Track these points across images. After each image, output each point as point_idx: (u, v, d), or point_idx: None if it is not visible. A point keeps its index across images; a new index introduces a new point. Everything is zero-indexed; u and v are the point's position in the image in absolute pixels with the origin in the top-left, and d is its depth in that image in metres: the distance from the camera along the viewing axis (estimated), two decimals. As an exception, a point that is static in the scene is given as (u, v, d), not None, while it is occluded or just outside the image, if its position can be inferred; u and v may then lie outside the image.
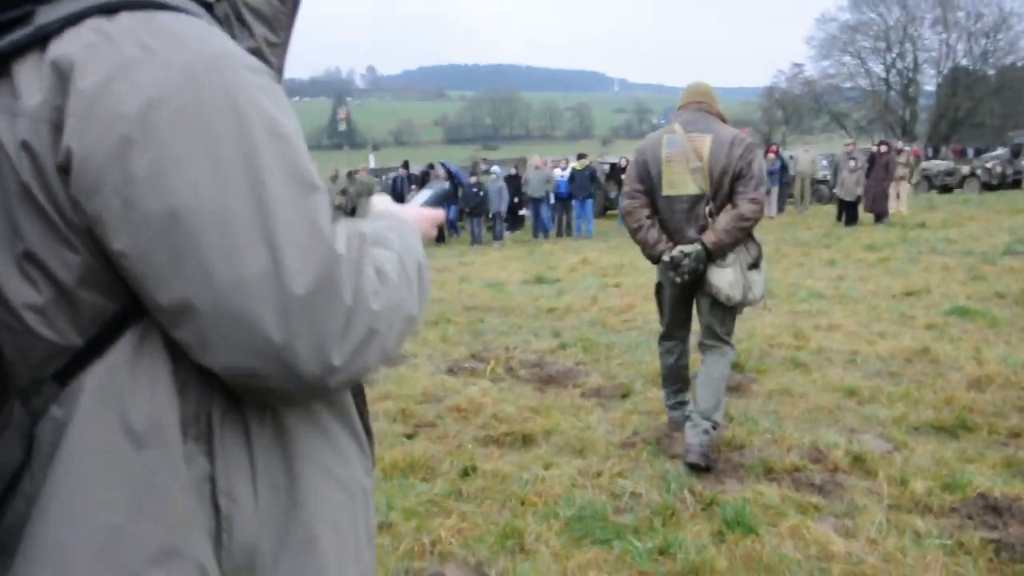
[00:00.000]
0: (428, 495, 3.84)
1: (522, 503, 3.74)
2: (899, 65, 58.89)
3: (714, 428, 4.06)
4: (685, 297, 4.27)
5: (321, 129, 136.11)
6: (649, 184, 4.12)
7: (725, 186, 3.96)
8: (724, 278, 3.96)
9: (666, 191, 4.06)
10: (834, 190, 17.95)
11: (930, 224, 15.93)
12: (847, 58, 59.54)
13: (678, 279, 4.03)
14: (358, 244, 0.91)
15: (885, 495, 3.65)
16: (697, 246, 3.96)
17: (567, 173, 19.29)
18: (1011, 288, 8.49)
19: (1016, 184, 29.25)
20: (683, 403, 4.46)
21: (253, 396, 0.92)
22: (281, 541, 0.96)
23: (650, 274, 4.74)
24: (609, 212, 23.05)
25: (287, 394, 0.90)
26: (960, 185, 29.73)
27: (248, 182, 0.83)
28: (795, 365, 5.91)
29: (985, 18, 55.80)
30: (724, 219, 3.93)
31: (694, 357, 4.73)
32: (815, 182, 22.58)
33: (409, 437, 4.77)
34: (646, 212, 4.14)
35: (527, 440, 4.62)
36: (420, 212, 1.30)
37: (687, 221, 4.04)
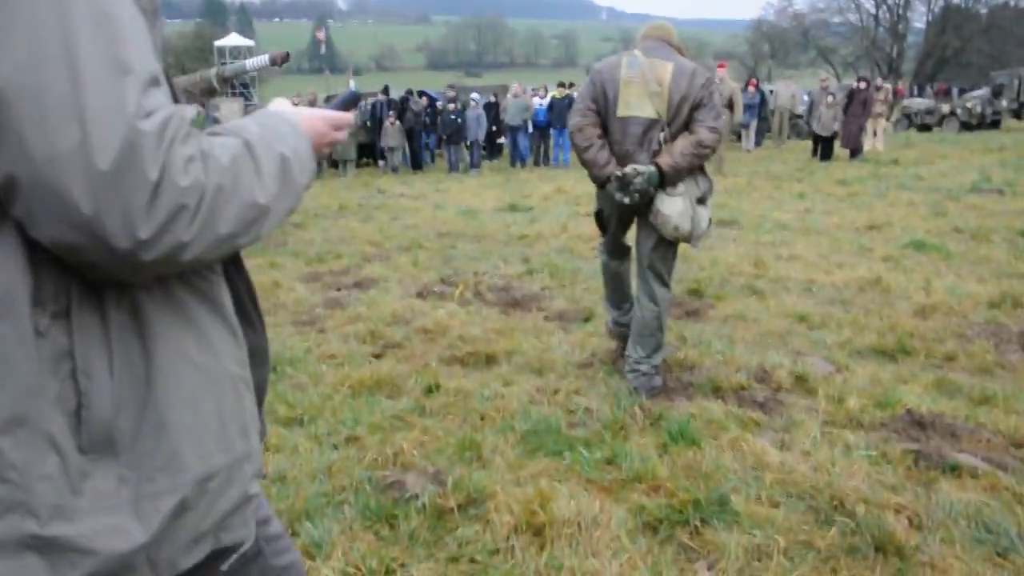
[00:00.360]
0: (393, 411, 4.02)
1: (482, 418, 3.93)
2: (890, 1, 58.29)
3: (655, 368, 4.14)
4: (626, 226, 4.25)
5: (301, 52, 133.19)
6: (604, 104, 3.98)
7: (683, 113, 3.89)
8: (674, 206, 3.90)
9: (622, 111, 3.94)
10: (810, 125, 18.02)
11: (903, 161, 16.07)
12: (839, -8, 58.82)
13: (627, 199, 3.90)
14: (176, 126, 0.94)
15: (822, 412, 3.87)
16: (651, 168, 3.86)
17: (546, 101, 19.18)
18: (969, 223, 8.71)
19: (995, 124, 29.44)
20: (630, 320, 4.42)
21: (90, 272, 0.96)
22: (138, 421, 1.02)
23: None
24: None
25: (109, 268, 0.94)
26: (940, 124, 29.76)
27: (64, 63, 0.89)
28: (752, 292, 6.11)
29: (983, -45, 55.18)
30: (682, 143, 3.86)
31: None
32: (794, 116, 22.57)
33: (377, 357, 4.95)
34: (597, 131, 4.01)
35: (490, 360, 4.81)
36: (315, 113, 1.29)
37: (639, 145, 3.94)
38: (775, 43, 61.30)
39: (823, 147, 17.15)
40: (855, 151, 16.82)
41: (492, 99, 20.84)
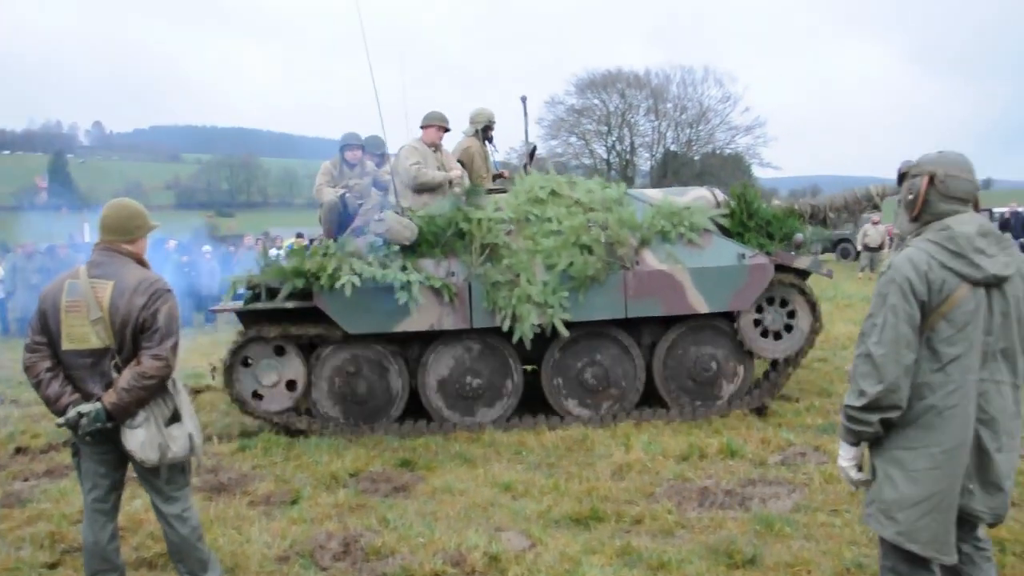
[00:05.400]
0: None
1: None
2: (618, 147, 64.90)
3: None
4: (115, 457, 3.77)
5: (30, 188, 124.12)
6: (50, 336, 3.64)
7: (128, 339, 3.61)
8: (135, 439, 3.58)
9: (66, 345, 3.61)
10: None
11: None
12: (573, 139, 64.74)
13: (82, 441, 3.65)
14: None
15: (508, 597, 3.91)
16: (97, 405, 3.55)
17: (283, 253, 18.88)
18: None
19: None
20: None
21: None
22: None
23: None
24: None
25: None
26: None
27: None
28: (465, 460, 6.19)
29: (689, 111, 63.47)
30: (126, 376, 3.56)
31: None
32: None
33: (52, 567, 4.46)
34: (47, 364, 3.63)
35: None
36: None
37: (91, 379, 3.63)
38: (520, 186, 65.52)
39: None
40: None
41: (232, 250, 20.24)
